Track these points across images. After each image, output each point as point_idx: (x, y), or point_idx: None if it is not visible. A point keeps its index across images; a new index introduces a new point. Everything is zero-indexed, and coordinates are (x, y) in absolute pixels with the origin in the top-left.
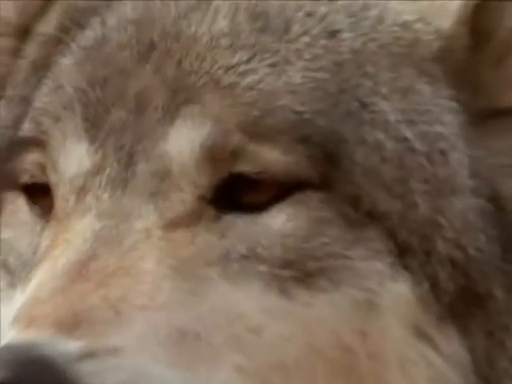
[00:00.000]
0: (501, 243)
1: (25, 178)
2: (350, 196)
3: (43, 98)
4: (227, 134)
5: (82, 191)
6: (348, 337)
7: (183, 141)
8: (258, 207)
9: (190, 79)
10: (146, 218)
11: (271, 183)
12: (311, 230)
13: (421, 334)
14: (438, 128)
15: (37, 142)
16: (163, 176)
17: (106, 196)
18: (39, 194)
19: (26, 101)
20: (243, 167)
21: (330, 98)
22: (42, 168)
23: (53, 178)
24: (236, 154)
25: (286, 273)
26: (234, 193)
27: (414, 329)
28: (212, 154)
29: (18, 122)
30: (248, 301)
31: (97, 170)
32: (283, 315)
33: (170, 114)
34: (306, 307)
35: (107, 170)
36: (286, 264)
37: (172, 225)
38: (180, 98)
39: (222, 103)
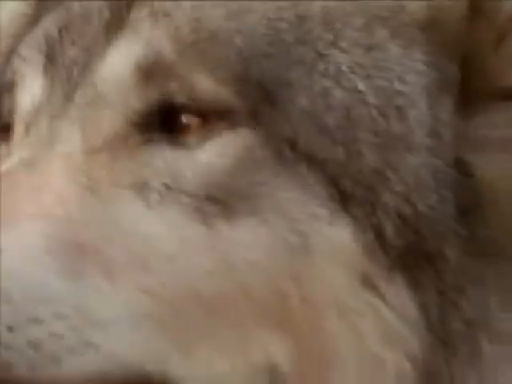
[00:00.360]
0: (458, 206)
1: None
2: (287, 138)
3: (21, 45)
4: (160, 55)
5: (29, 125)
6: (279, 279)
7: (115, 64)
8: (190, 143)
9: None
10: (69, 143)
11: (201, 115)
12: (240, 167)
13: (367, 284)
14: (398, 86)
15: (10, 85)
16: (95, 101)
17: (43, 126)
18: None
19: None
20: (175, 94)
21: (283, 45)
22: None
23: (14, 118)
24: (168, 77)
25: (210, 207)
26: (167, 125)
27: (358, 277)
28: (144, 77)
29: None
30: (164, 227)
31: (45, 104)
32: (204, 247)
33: (108, 41)
34: (231, 243)
35: (53, 103)
36: (210, 198)
37: (95, 150)
38: (117, 24)
39: (157, 26)
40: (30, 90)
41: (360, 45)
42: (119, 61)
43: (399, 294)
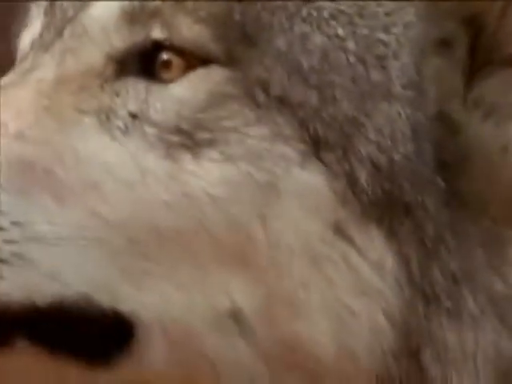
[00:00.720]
0: (438, 159)
1: None
2: (261, 79)
3: None
4: None
5: (22, 59)
6: (243, 217)
7: (103, 5)
8: (167, 79)
9: None
10: (44, 70)
11: (181, 55)
12: (209, 101)
13: (340, 232)
14: (381, 35)
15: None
16: (79, 36)
17: (30, 58)
18: None
19: None
20: (158, 33)
21: None
22: None
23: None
24: (152, 19)
25: (175, 139)
26: (146, 63)
27: (331, 225)
28: (128, 18)
29: None
30: (124, 156)
31: (37, 40)
32: (165, 178)
33: None
34: (194, 176)
35: (45, 38)
36: (177, 131)
37: (69, 78)
38: None
39: None
40: (32, 29)
41: None
42: (107, 3)
43: (375, 244)
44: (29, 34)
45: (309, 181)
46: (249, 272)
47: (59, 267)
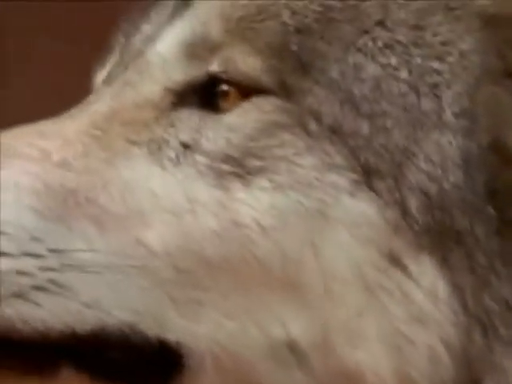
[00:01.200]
0: (490, 188)
1: None
2: (313, 108)
3: None
4: (206, 33)
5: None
6: (294, 246)
7: (168, 37)
8: (222, 109)
9: None
10: (101, 103)
11: (236, 86)
12: (260, 130)
13: (394, 261)
14: (436, 64)
15: None
16: (141, 70)
17: (96, 92)
18: None
19: None
20: (216, 67)
21: (331, 23)
22: None
23: None
24: (212, 52)
25: (225, 167)
26: (203, 95)
27: (385, 254)
28: (190, 51)
29: None
30: (171, 183)
31: (107, 76)
32: (214, 207)
33: (172, 19)
34: (243, 204)
35: (113, 73)
36: (228, 159)
37: (123, 110)
38: (185, 5)
39: (210, 5)
40: (107, 64)
41: (407, 25)
42: (170, 36)
43: (428, 272)
44: (103, 71)
45: (360, 210)
46: (302, 301)
47: (100, 295)
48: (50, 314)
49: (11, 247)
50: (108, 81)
